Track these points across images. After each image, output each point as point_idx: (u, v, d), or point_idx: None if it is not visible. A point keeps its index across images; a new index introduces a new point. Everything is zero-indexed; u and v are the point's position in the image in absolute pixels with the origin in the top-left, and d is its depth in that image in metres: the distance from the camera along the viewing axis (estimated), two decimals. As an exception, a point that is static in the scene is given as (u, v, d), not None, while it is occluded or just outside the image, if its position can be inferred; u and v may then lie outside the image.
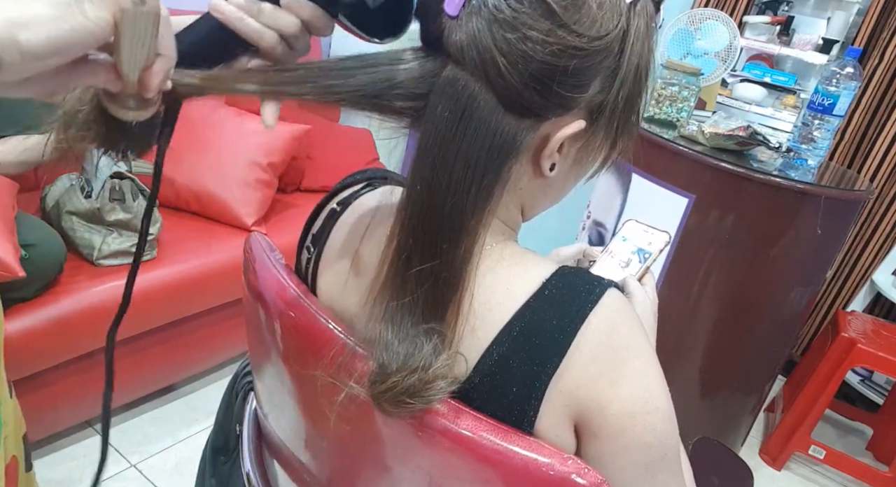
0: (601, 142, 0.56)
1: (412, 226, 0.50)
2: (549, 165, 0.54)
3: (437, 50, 0.49)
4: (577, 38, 0.48)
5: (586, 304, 0.50)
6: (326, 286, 0.63)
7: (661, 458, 0.52)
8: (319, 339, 0.57)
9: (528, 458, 0.48)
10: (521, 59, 0.47)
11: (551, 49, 0.47)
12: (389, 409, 0.50)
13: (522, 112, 0.50)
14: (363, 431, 0.56)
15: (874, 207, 2.41)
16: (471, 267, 0.50)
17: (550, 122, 0.52)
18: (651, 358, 0.52)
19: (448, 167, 0.48)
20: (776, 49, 2.51)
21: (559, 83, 0.49)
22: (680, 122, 1.83)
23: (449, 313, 0.50)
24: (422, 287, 0.50)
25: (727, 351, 1.81)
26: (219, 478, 0.81)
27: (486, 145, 0.49)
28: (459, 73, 0.48)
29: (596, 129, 0.54)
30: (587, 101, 0.52)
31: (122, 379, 1.61)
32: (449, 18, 0.48)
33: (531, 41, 0.47)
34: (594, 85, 0.51)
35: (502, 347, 0.50)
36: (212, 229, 1.86)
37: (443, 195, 0.49)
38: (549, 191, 0.59)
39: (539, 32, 0.47)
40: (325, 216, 0.65)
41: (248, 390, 0.80)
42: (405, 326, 0.50)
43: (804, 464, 2.17)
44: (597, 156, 0.57)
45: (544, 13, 0.47)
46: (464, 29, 0.47)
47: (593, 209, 1.99)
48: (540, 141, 0.53)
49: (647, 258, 0.81)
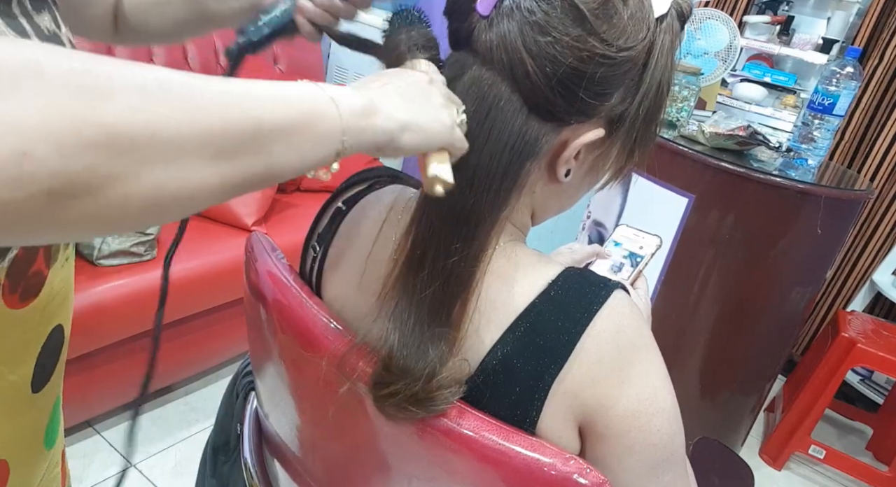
0: (618, 152, 0.57)
1: (429, 223, 0.50)
2: (565, 171, 0.55)
3: (465, 48, 0.50)
4: (606, 46, 0.49)
5: (592, 306, 0.50)
6: (332, 285, 0.63)
7: (667, 459, 0.52)
8: (321, 338, 0.56)
9: (530, 458, 0.48)
10: (550, 62, 0.48)
11: (580, 55, 0.48)
12: (392, 414, 0.50)
13: (545, 115, 0.50)
14: (364, 430, 0.56)
15: (874, 207, 2.41)
16: (482, 267, 0.51)
17: (571, 128, 0.52)
18: (656, 359, 0.52)
19: (471, 166, 0.49)
20: (776, 49, 2.51)
21: (584, 89, 0.49)
22: (680, 122, 1.83)
23: (455, 313, 0.50)
24: (432, 286, 0.50)
25: (727, 351, 1.81)
26: (219, 478, 0.81)
27: (510, 146, 0.49)
28: (486, 73, 0.49)
29: (614, 139, 0.55)
30: (608, 111, 0.53)
31: (122, 379, 1.62)
32: (480, 18, 0.48)
33: (561, 45, 0.48)
34: (617, 95, 0.52)
35: (506, 347, 0.50)
36: (212, 229, 1.86)
37: (463, 193, 0.49)
38: (562, 198, 0.59)
39: (569, 37, 0.48)
40: (331, 215, 0.65)
41: (249, 390, 0.80)
42: (412, 328, 0.50)
43: (804, 464, 2.17)
44: (611, 166, 0.58)
45: (576, 19, 0.48)
46: (494, 29, 0.48)
47: (593, 209, 1.99)
48: (559, 146, 0.53)
49: (639, 262, 0.82)
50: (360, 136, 0.40)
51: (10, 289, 0.48)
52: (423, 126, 0.44)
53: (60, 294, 0.56)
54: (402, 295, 0.51)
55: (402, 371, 0.49)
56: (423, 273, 0.50)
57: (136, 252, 1.59)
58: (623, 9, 0.50)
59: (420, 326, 0.50)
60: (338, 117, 0.39)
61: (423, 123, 0.44)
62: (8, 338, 0.50)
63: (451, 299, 0.50)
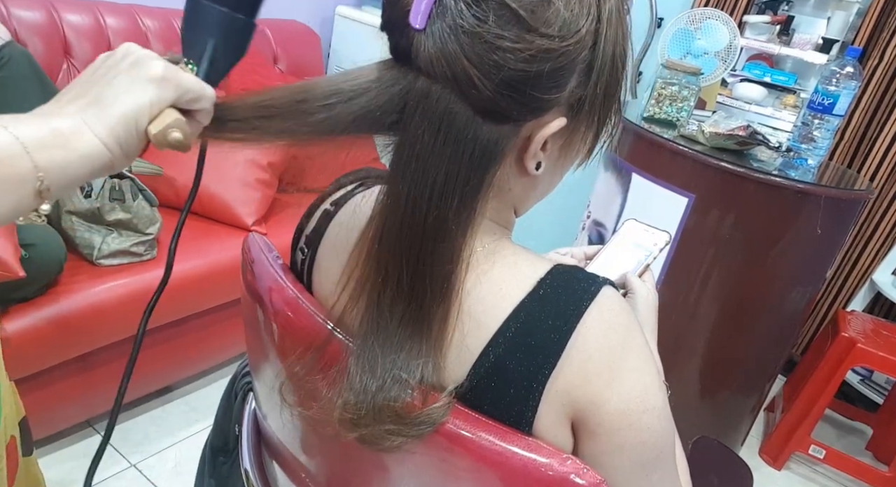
0: (584, 134, 0.55)
1: (390, 243, 0.49)
2: (535, 164, 0.54)
3: (407, 63, 0.48)
4: (549, 40, 0.46)
5: (581, 303, 0.50)
6: (321, 288, 0.63)
7: (657, 457, 0.52)
8: (317, 340, 0.56)
9: (527, 458, 0.48)
10: (494, 68, 0.46)
11: (523, 55, 0.46)
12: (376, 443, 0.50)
13: (500, 119, 0.49)
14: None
15: (874, 207, 2.41)
16: (458, 278, 0.50)
17: (530, 124, 0.51)
18: (647, 356, 0.52)
19: (428, 179, 0.48)
20: (776, 49, 2.51)
21: (535, 87, 0.48)
22: (680, 122, 1.83)
23: (436, 331, 0.49)
24: (404, 309, 0.49)
25: (727, 351, 1.81)
26: (218, 478, 0.81)
27: (467, 155, 0.48)
28: (432, 86, 0.47)
29: (577, 124, 0.54)
30: (566, 98, 0.51)
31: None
32: (415, 32, 0.46)
33: (501, 50, 0.45)
34: (571, 81, 0.50)
35: (498, 349, 0.50)
36: (212, 229, 1.86)
37: (423, 209, 0.48)
38: (539, 187, 0.58)
39: (508, 40, 0.45)
40: (319, 217, 0.65)
41: (248, 390, 0.80)
42: (382, 361, 0.49)
43: (804, 464, 2.17)
44: (581, 148, 0.57)
45: (510, 19, 0.45)
46: (431, 42, 0.46)
47: (593, 209, 1.99)
48: (522, 143, 0.52)
49: (647, 257, 0.81)
50: (66, 169, 0.38)
51: None
52: (127, 106, 0.42)
53: None
54: (365, 322, 0.50)
55: (366, 411, 0.48)
56: (388, 295, 0.49)
57: (136, 252, 1.59)
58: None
59: (388, 349, 0.49)
60: (23, 153, 0.37)
61: (126, 104, 0.42)
62: None
63: (428, 316, 0.49)
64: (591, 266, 0.82)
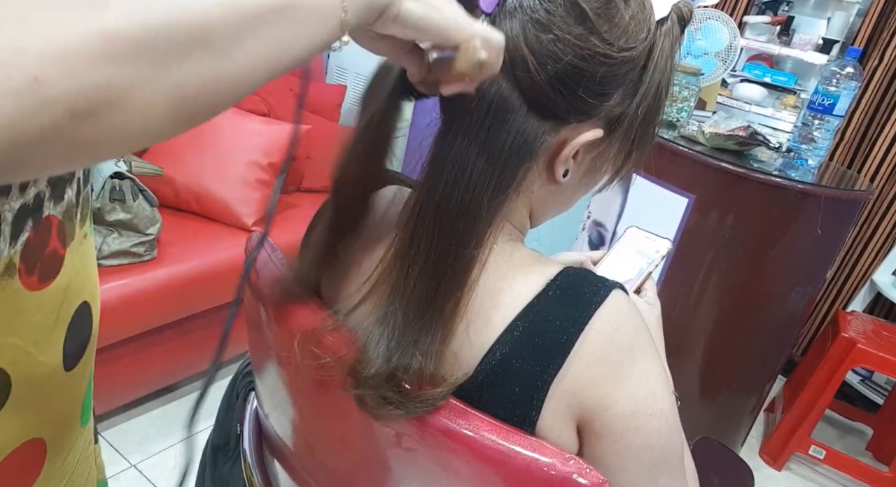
0: (616, 153, 0.57)
1: (425, 219, 0.50)
2: (563, 171, 0.55)
3: None
4: (607, 46, 0.49)
5: (591, 305, 0.50)
6: (330, 284, 0.63)
7: (664, 460, 0.52)
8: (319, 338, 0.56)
9: (530, 458, 0.48)
10: (550, 59, 0.48)
11: (581, 53, 0.48)
12: (373, 409, 0.50)
13: (544, 113, 0.50)
14: (363, 430, 0.56)
15: (874, 207, 2.41)
16: (478, 265, 0.50)
17: (569, 128, 0.52)
18: (655, 359, 0.52)
19: (470, 162, 0.49)
20: (776, 49, 2.51)
21: (584, 88, 0.50)
22: (680, 122, 1.83)
23: (449, 309, 0.50)
24: (424, 281, 0.50)
25: (727, 351, 1.81)
26: (219, 478, 0.81)
27: (508, 142, 0.49)
28: None
29: (612, 140, 0.55)
30: (607, 111, 0.53)
31: (122, 379, 1.62)
32: (484, 16, 0.48)
33: (562, 43, 0.48)
34: (616, 95, 0.52)
35: (505, 347, 0.50)
36: (212, 229, 1.86)
37: (461, 189, 0.49)
38: (560, 198, 0.60)
39: (571, 36, 0.48)
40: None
41: (249, 390, 0.80)
42: (398, 320, 0.50)
43: (804, 464, 2.17)
44: (609, 167, 0.58)
45: (578, 18, 0.48)
46: (497, 26, 0.48)
47: (593, 209, 2.00)
48: (557, 145, 0.53)
49: (649, 264, 0.82)
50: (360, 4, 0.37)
51: (26, 271, 0.47)
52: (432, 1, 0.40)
53: (82, 272, 0.55)
54: (394, 295, 0.51)
55: (377, 361, 0.49)
56: (416, 268, 0.50)
57: (137, 252, 1.59)
58: (625, 9, 0.50)
59: (406, 319, 0.50)
60: None
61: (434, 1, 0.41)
62: (31, 320, 0.49)
63: (443, 295, 0.50)
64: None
